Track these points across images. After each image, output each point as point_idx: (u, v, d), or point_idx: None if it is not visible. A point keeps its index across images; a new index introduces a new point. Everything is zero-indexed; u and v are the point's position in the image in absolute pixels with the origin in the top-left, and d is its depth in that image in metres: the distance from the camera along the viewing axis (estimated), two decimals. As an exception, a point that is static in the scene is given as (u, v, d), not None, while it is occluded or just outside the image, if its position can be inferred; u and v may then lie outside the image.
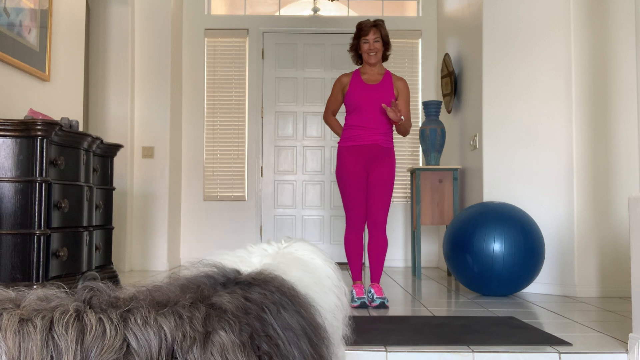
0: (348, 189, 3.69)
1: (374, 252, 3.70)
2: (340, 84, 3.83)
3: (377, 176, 3.69)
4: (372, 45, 3.74)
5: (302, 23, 6.53)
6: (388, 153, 3.73)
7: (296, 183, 6.45)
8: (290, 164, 6.46)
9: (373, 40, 3.75)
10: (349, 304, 1.41)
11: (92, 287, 0.92)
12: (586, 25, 4.23)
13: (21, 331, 0.81)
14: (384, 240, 3.70)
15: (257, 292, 1.06)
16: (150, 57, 5.64)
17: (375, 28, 3.76)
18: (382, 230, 3.70)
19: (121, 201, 5.39)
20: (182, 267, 5.99)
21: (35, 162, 2.92)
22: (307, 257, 1.38)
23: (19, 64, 3.55)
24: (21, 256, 2.88)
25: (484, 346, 2.47)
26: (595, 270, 4.12)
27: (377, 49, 3.75)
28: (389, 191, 3.72)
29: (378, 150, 3.71)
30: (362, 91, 3.72)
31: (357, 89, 3.74)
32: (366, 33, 3.75)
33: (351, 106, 3.76)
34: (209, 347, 0.89)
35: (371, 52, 3.74)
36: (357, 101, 3.71)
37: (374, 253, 3.70)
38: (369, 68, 3.82)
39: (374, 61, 3.75)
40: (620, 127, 4.17)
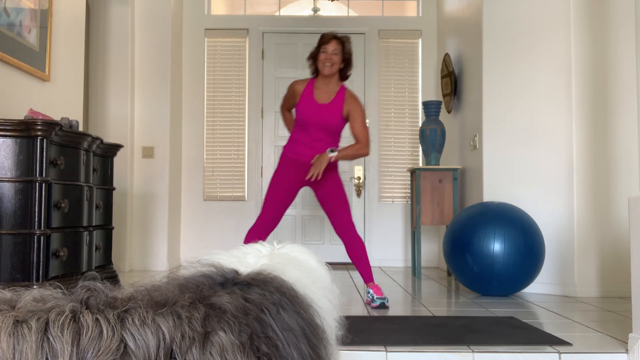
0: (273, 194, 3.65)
1: (355, 255, 3.66)
2: (292, 91, 3.71)
3: (326, 189, 3.67)
4: (329, 55, 3.57)
5: (302, 23, 6.52)
6: (330, 167, 3.67)
7: (296, 183, 6.45)
8: (291, 164, 6.46)
9: (331, 52, 3.58)
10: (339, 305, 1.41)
11: (90, 287, 0.91)
12: (586, 25, 4.23)
13: (15, 333, 0.80)
14: (359, 241, 3.66)
15: (256, 292, 1.06)
16: (150, 57, 5.64)
17: (337, 40, 3.61)
18: (352, 232, 3.66)
19: (121, 201, 5.39)
20: (180, 267, 5.99)
21: (35, 162, 2.92)
22: (302, 257, 1.38)
23: (19, 64, 3.55)
24: (21, 256, 2.88)
25: (484, 346, 2.47)
26: (595, 270, 4.12)
27: (333, 61, 3.58)
28: (342, 195, 3.68)
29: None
30: (310, 109, 3.61)
31: (306, 105, 3.62)
32: (326, 42, 3.60)
33: (298, 120, 3.67)
34: (208, 347, 0.89)
35: (327, 63, 3.57)
36: (303, 117, 3.63)
37: (356, 256, 3.66)
38: (323, 82, 3.66)
39: (327, 72, 3.58)
40: (620, 127, 4.16)
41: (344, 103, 3.62)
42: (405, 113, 6.54)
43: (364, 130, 3.62)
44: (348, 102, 3.63)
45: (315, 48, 3.67)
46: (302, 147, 3.67)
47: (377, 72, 6.53)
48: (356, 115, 3.61)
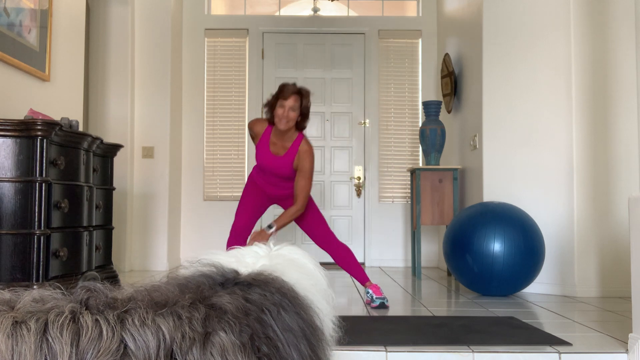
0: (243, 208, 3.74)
1: (343, 261, 3.69)
2: (252, 131, 3.72)
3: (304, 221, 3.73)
4: (286, 112, 3.47)
5: (302, 23, 6.52)
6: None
7: (296, 183, 6.45)
8: (291, 164, 6.46)
9: (289, 108, 3.47)
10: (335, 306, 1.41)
11: (89, 288, 0.91)
12: (586, 25, 4.23)
13: (14, 334, 0.80)
14: (342, 248, 3.70)
15: (257, 293, 1.06)
16: (150, 57, 5.64)
17: (297, 96, 3.50)
18: (334, 241, 3.70)
19: (121, 201, 5.39)
20: (180, 267, 5.99)
21: (35, 162, 2.92)
22: (300, 260, 1.38)
23: (19, 64, 3.55)
24: (21, 256, 2.88)
25: (484, 346, 2.47)
26: (595, 270, 4.12)
27: (289, 118, 3.48)
28: (315, 210, 3.74)
29: (284, 197, 3.77)
30: (265, 159, 3.63)
31: (262, 154, 3.64)
32: (285, 97, 3.47)
33: (257, 163, 3.72)
34: (208, 348, 0.88)
35: (283, 119, 3.47)
36: (261, 163, 3.67)
37: (344, 262, 3.69)
38: (277, 134, 3.60)
39: (282, 127, 3.49)
40: (620, 127, 4.16)
41: (295, 157, 3.59)
42: (405, 113, 6.54)
43: (305, 189, 3.57)
44: (299, 156, 3.58)
45: (273, 97, 3.56)
46: (263, 183, 3.75)
47: (377, 72, 6.52)
48: (302, 172, 3.58)
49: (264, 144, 3.63)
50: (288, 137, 3.60)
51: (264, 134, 3.64)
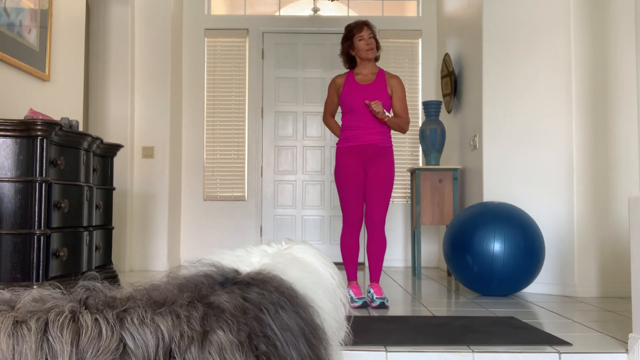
0: (346, 190, 3.68)
1: (373, 252, 3.69)
2: (334, 86, 3.81)
3: (375, 176, 3.67)
4: (368, 40, 3.72)
5: (302, 23, 6.52)
6: (386, 152, 3.72)
7: (296, 183, 6.45)
8: (290, 164, 6.46)
9: (368, 36, 3.72)
10: (348, 306, 1.40)
11: (89, 287, 0.91)
12: (586, 25, 4.23)
13: (15, 334, 0.80)
14: (382, 240, 3.69)
15: (255, 292, 1.06)
16: (150, 57, 5.64)
17: (367, 26, 3.76)
18: (381, 231, 3.68)
19: (121, 201, 5.39)
20: (181, 267, 5.99)
21: (35, 162, 2.92)
22: (307, 258, 1.38)
23: (19, 64, 3.55)
24: (21, 256, 2.88)
25: (484, 346, 2.47)
26: (595, 270, 4.12)
27: (372, 45, 3.73)
28: (387, 191, 3.70)
29: (375, 150, 3.70)
30: (356, 92, 3.70)
31: (351, 89, 3.72)
32: (360, 30, 3.73)
33: (346, 107, 3.74)
34: (207, 346, 0.89)
35: (369, 48, 3.71)
36: (351, 102, 3.70)
37: (374, 253, 3.69)
38: (362, 68, 3.79)
39: (371, 56, 3.72)
40: (620, 127, 4.16)
41: (387, 81, 3.77)
42: (405, 113, 6.54)
43: (405, 109, 3.78)
44: (390, 81, 3.78)
45: (345, 41, 3.79)
46: (354, 130, 3.73)
47: (377, 72, 6.52)
48: (398, 94, 3.76)
49: (350, 82, 3.75)
50: (372, 69, 3.79)
51: (347, 79, 3.78)
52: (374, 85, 3.72)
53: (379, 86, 3.72)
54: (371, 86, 3.71)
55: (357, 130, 3.71)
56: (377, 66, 3.83)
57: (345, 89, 3.74)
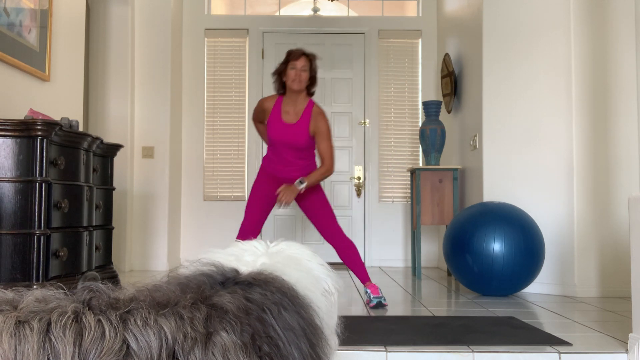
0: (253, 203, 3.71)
1: (347, 258, 3.67)
2: (261, 108, 3.73)
3: (308, 200, 3.69)
4: (298, 72, 3.55)
5: (302, 23, 6.52)
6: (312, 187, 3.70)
7: (296, 183, 6.45)
8: (290, 164, 6.46)
9: (300, 68, 3.56)
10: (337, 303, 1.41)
11: (92, 288, 0.91)
12: (586, 25, 4.23)
13: (17, 334, 0.80)
14: (349, 244, 3.68)
15: (258, 292, 1.06)
16: (150, 57, 5.64)
17: (306, 57, 3.59)
18: (341, 237, 3.68)
19: (121, 201, 5.39)
20: (180, 266, 5.98)
21: (35, 162, 2.92)
22: (300, 257, 1.38)
23: (19, 64, 3.55)
24: (21, 256, 2.88)
25: (484, 346, 2.47)
26: (595, 270, 4.12)
27: (302, 78, 3.56)
28: (325, 203, 3.71)
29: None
30: (278, 129, 3.62)
31: (274, 124, 3.63)
32: (296, 59, 3.57)
33: (269, 139, 3.70)
34: (210, 348, 0.89)
35: (295, 80, 3.55)
36: (273, 138, 3.65)
37: (348, 259, 3.67)
38: (290, 100, 3.64)
39: (296, 88, 3.56)
40: (620, 127, 4.16)
41: (310, 121, 3.61)
42: (405, 113, 6.55)
43: (329, 149, 3.62)
44: (314, 119, 3.61)
45: (281, 64, 3.64)
46: (276, 165, 3.71)
47: (377, 72, 6.53)
48: (321, 134, 3.60)
49: (276, 116, 3.64)
50: (300, 102, 3.64)
51: (275, 106, 3.66)
52: (296, 126, 3.60)
53: (301, 128, 3.60)
54: (293, 127, 3.60)
55: (278, 165, 3.70)
56: (306, 99, 3.66)
57: (270, 121, 3.65)
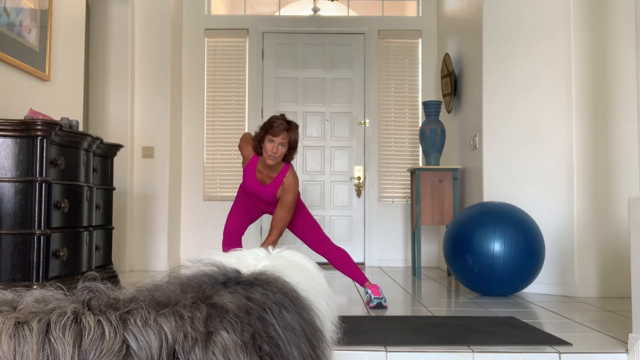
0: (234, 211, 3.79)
1: (340, 265, 3.70)
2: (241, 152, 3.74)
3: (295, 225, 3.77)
4: (276, 148, 3.49)
5: (302, 23, 6.52)
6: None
7: (296, 183, 6.45)
8: (290, 164, 6.46)
9: (278, 144, 3.49)
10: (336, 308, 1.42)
11: (91, 289, 0.91)
12: (586, 26, 4.23)
13: (16, 335, 0.80)
14: (339, 251, 3.71)
15: (259, 292, 1.06)
16: (150, 57, 5.64)
17: (287, 133, 3.51)
18: (330, 245, 3.72)
19: (121, 201, 5.39)
20: (182, 266, 5.99)
21: (35, 162, 2.92)
22: (301, 262, 1.39)
23: (19, 64, 3.55)
24: (21, 256, 2.88)
25: (484, 346, 2.47)
26: (595, 270, 4.12)
27: (278, 154, 3.51)
28: (308, 216, 3.78)
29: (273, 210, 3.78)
30: (250, 183, 3.67)
31: (248, 178, 3.68)
32: (275, 133, 3.47)
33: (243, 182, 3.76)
34: (210, 347, 0.89)
35: (271, 155, 3.49)
36: (245, 187, 3.73)
37: (341, 265, 3.70)
38: (264, 166, 3.63)
39: (270, 163, 3.52)
40: (620, 127, 4.16)
41: (279, 188, 3.64)
42: (405, 113, 6.54)
43: (282, 221, 3.62)
44: (283, 189, 3.61)
45: (261, 130, 3.56)
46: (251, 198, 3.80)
47: (377, 72, 6.52)
48: (283, 203, 3.61)
49: (251, 170, 3.68)
50: (274, 168, 3.63)
51: (251, 161, 3.66)
52: (267, 188, 3.64)
53: (269, 191, 3.64)
54: (265, 187, 3.64)
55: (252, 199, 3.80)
56: (281, 165, 3.63)
57: (246, 170, 3.68)
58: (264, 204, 3.79)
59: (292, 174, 3.64)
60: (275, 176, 3.63)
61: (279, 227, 3.62)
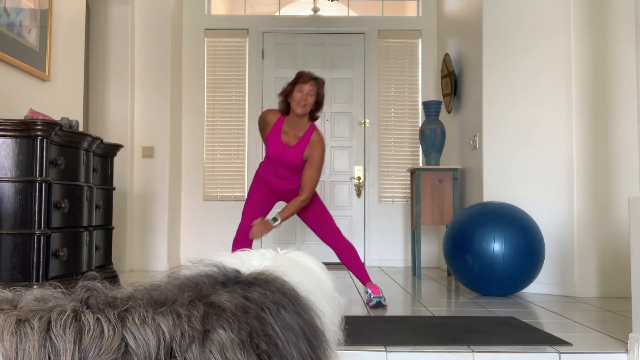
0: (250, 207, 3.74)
1: (347, 259, 3.69)
2: (263, 121, 3.73)
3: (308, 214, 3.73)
4: (305, 96, 3.52)
5: (302, 23, 6.53)
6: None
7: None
8: (291, 164, 6.47)
9: (307, 92, 3.52)
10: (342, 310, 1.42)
11: (89, 287, 0.91)
12: (586, 25, 4.23)
13: (18, 332, 0.80)
14: (348, 245, 3.70)
15: (257, 291, 1.06)
16: (150, 57, 5.64)
17: (314, 81, 3.56)
18: (340, 238, 3.70)
19: (121, 201, 5.39)
20: (182, 267, 6.00)
21: (35, 162, 2.92)
22: (306, 263, 1.39)
23: (19, 64, 3.55)
24: (21, 256, 2.88)
25: (484, 346, 2.47)
26: (595, 270, 4.12)
27: (307, 102, 3.53)
28: (321, 206, 3.74)
29: (289, 191, 3.74)
30: (275, 149, 3.63)
31: (272, 143, 3.64)
32: (305, 82, 3.53)
33: (266, 153, 3.71)
34: (207, 345, 0.89)
35: (301, 103, 3.51)
36: (269, 155, 3.68)
37: (348, 260, 3.69)
38: (292, 121, 3.62)
39: (300, 112, 3.52)
40: (620, 127, 4.16)
41: (307, 147, 3.61)
42: (405, 113, 6.55)
43: (312, 180, 3.61)
44: (310, 147, 3.60)
45: (289, 85, 3.61)
46: (270, 177, 3.74)
47: (377, 72, 6.53)
48: (312, 162, 3.60)
49: (276, 134, 3.64)
50: (301, 126, 3.63)
51: (276, 124, 3.65)
52: (293, 149, 3.61)
53: (297, 152, 3.61)
54: (291, 149, 3.61)
55: (272, 177, 3.73)
56: (308, 124, 3.65)
57: (269, 138, 3.66)
58: (286, 176, 3.68)
59: (318, 132, 3.66)
60: (302, 135, 3.63)
61: (308, 187, 3.61)
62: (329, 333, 1.26)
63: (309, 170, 3.60)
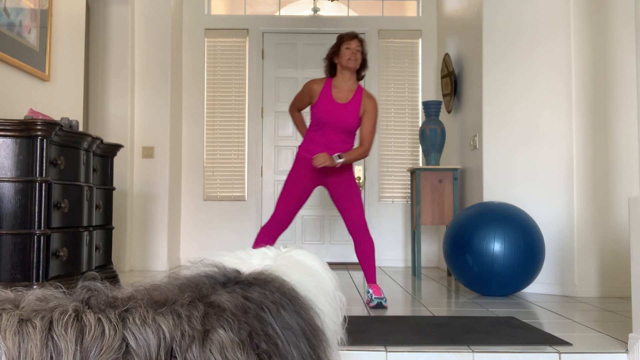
0: (288, 194, 3.67)
1: (364, 255, 3.66)
2: (309, 90, 3.72)
3: (340, 187, 3.68)
4: (354, 51, 3.62)
5: (302, 23, 6.53)
6: (345, 167, 3.71)
7: (296, 183, 6.45)
8: (290, 164, 6.46)
9: (355, 48, 3.63)
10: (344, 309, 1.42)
11: (90, 288, 0.92)
12: (586, 25, 4.23)
13: (21, 331, 0.81)
14: (369, 241, 3.67)
15: (257, 291, 1.06)
16: (150, 57, 5.64)
17: (358, 39, 3.68)
18: (366, 233, 3.66)
19: (121, 201, 5.40)
20: (182, 267, 6.00)
21: (35, 162, 2.92)
22: (308, 262, 1.39)
23: (19, 64, 3.55)
24: (21, 256, 2.88)
25: (484, 346, 2.47)
26: (595, 270, 4.12)
27: (357, 57, 3.63)
28: (357, 194, 3.70)
29: (333, 168, 3.68)
30: (328, 109, 3.62)
31: (325, 104, 3.63)
32: (350, 39, 3.64)
33: (315, 120, 3.68)
34: (207, 345, 0.89)
35: (352, 58, 3.61)
36: (321, 118, 3.64)
37: (365, 257, 3.66)
38: (341, 80, 3.68)
39: (352, 66, 3.62)
40: (620, 127, 4.17)
41: (362, 102, 3.66)
42: (405, 113, 6.55)
43: (371, 134, 3.67)
44: (365, 102, 3.67)
45: (333, 47, 3.71)
46: (318, 147, 3.67)
47: (377, 72, 6.53)
48: (369, 116, 3.66)
49: (327, 96, 3.66)
50: (350, 86, 3.69)
51: (325, 87, 3.68)
52: (348, 106, 3.62)
53: (352, 108, 3.62)
54: (345, 106, 3.62)
55: (319, 147, 3.67)
56: (357, 83, 3.73)
57: (320, 101, 3.65)
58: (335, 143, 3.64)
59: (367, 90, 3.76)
60: (354, 93, 3.68)
61: (368, 139, 3.66)
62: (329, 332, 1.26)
63: (368, 125, 3.66)
